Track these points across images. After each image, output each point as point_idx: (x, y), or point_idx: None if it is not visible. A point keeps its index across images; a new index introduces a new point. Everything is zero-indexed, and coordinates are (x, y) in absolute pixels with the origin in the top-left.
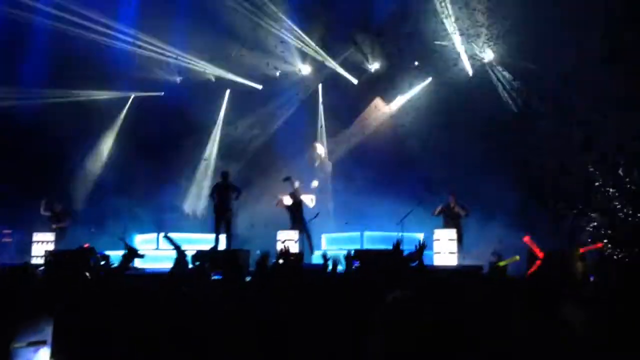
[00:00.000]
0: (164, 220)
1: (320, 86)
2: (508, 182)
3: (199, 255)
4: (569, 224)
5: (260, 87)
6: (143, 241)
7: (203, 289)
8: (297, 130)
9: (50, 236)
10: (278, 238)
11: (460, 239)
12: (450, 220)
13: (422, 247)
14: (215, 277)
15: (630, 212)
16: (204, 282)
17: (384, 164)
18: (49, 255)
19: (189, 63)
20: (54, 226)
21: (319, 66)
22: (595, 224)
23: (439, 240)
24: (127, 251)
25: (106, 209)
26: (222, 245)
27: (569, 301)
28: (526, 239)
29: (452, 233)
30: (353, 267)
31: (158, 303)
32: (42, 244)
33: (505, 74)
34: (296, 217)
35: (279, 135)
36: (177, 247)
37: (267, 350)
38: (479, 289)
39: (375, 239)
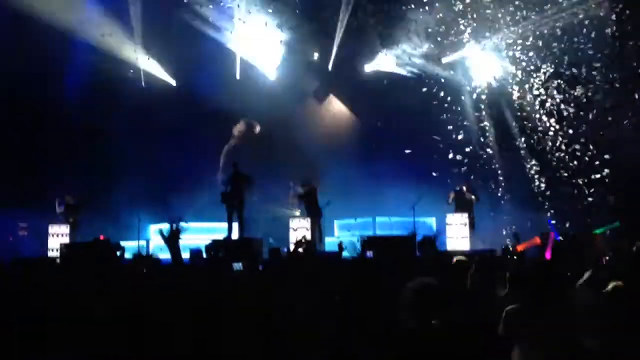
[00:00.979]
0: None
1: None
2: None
3: (213, 244)
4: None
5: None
6: (158, 230)
7: (226, 279)
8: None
9: (65, 229)
10: (291, 226)
11: (472, 224)
12: (462, 205)
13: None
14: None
15: None
16: (225, 272)
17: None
18: (64, 247)
19: None
20: (70, 219)
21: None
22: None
23: (451, 225)
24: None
25: (120, 197)
26: (234, 234)
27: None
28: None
29: (464, 218)
30: (367, 256)
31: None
32: (58, 236)
33: None
34: (311, 206)
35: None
36: (168, 244)
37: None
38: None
39: (387, 224)
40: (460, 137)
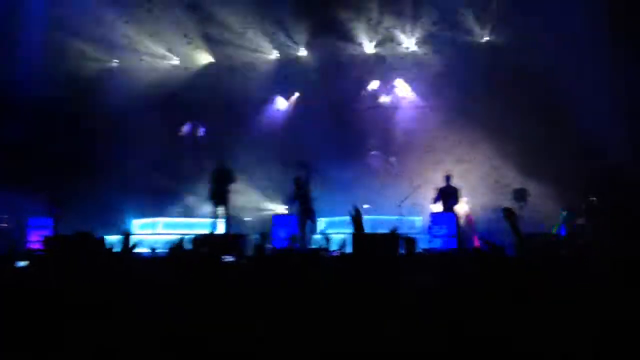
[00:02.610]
0: (162, 205)
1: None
2: None
3: (198, 239)
4: None
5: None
6: (142, 225)
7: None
8: None
9: (47, 221)
10: (274, 223)
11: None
12: (446, 203)
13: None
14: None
15: None
16: (215, 265)
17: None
18: (46, 240)
19: None
20: (54, 213)
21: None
22: None
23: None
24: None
25: (101, 192)
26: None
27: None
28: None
29: (449, 217)
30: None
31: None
32: (39, 229)
33: None
34: (303, 200)
35: None
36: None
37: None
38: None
39: (373, 222)
40: None
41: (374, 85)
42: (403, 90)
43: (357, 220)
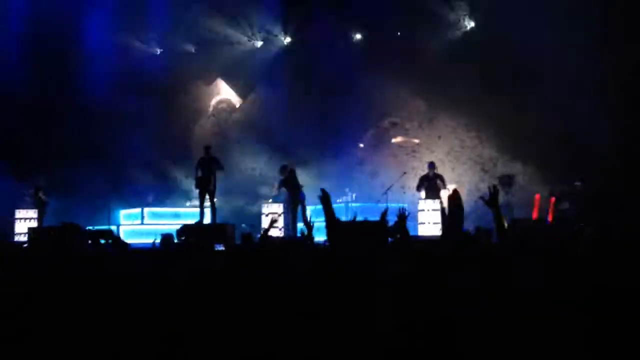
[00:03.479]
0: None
1: None
2: None
3: (185, 229)
4: None
5: None
6: (127, 216)
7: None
8: None
9: (32, 213)
10: (263, 211)
11: (443, 210)
12: (431, 191)
13: (403, 218)
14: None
15: None
16: (206, 254)
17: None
18: (32, 232)
19: None
20: (39, 204)
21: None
22: None
23: (422, 210)
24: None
25: (87, 181)
26: (206, 219)
27: None
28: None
29: (436, 204)
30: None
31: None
32: (25, 221)
33: None
34: (291, 188)
35: None
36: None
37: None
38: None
39: (360, 210)
40: None
41: None
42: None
43: (325, 203)
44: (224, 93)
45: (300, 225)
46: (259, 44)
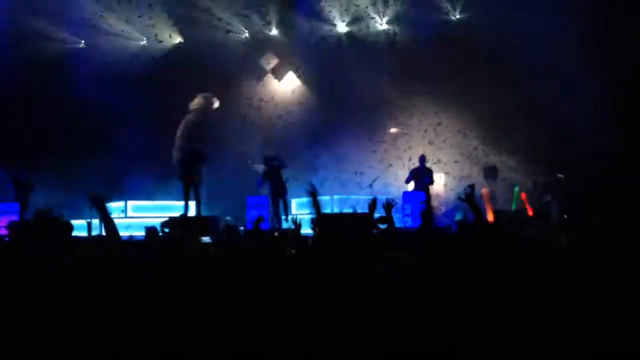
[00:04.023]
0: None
1: None
2: None
3: (170, 222)
4: None
5: None
6: (111, 209)
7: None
8: None
9: (14, 206)
10: (248, 204)
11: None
12: (419, 183)
13: (389, 208)
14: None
15: None
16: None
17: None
18: (14, 225)
19: None
20: (20, 197)
21: None
22: None
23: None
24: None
25: (72, 175)
26: (191, 212)
27: None
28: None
29: (422, 195)
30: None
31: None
32: (6, 214)
33: None
34: (274, 182)
35: None
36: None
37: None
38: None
39: (346, 202)
40: None
41: None
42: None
43: (313, 197)
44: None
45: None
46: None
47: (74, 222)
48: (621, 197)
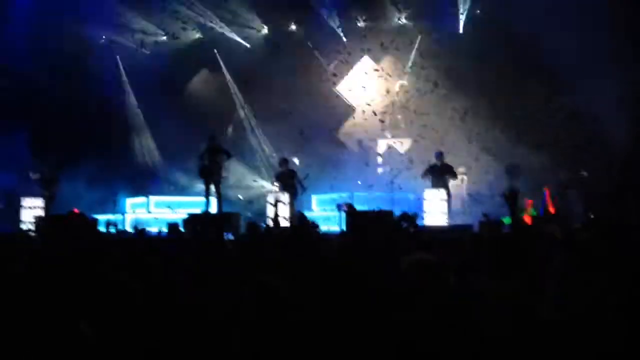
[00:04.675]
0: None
1: None
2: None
3: (192, 218)
4: None
5: None
6: (134, 205)
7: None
8: None
9: (39, 202)
10: (268, 200)
11: (449, 199)
12: (438, 180)
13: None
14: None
15: None
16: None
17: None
18: (39, 221)
19: None
20: (45, 193)
21: None
22: None
23: (428, 200)
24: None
25: (96, 170)
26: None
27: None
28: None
29: (442, 193)
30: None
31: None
32: (32, 209)
33: None
34: (290, 180)
35: None
36: None
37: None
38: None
39: (365, 199)
40: None
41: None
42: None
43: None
44: None
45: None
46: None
47: (98, 217)
48: None
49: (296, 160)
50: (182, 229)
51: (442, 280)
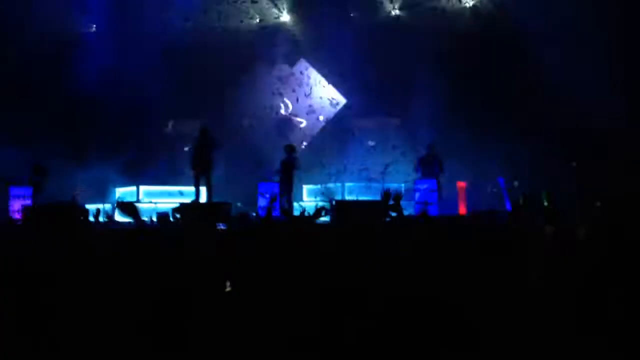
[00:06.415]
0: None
1: None
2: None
3: (182, 208)
4: None
5: None
6: (123, 194)
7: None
8: None
9: (27, 191)
10: (260, 191)
11: (439, 189)
12: (428, 171)
13: (398, 198)
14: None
15: None
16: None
17: None
18: (27, 210)
19: None
20: (35, 181)
21: None
22: None
23: (419, 191)
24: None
25: (85, 159)
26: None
27: None
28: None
29: (432, 184)
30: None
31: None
32: (20, 198)
33: None
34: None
35: None
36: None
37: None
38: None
39: (356, 189)
40: None
41: None
42: None
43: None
44: None
45: (295, 204)
46: None
47: (88, 206)
48: None
49: None
50: (171, 218)
51: None
